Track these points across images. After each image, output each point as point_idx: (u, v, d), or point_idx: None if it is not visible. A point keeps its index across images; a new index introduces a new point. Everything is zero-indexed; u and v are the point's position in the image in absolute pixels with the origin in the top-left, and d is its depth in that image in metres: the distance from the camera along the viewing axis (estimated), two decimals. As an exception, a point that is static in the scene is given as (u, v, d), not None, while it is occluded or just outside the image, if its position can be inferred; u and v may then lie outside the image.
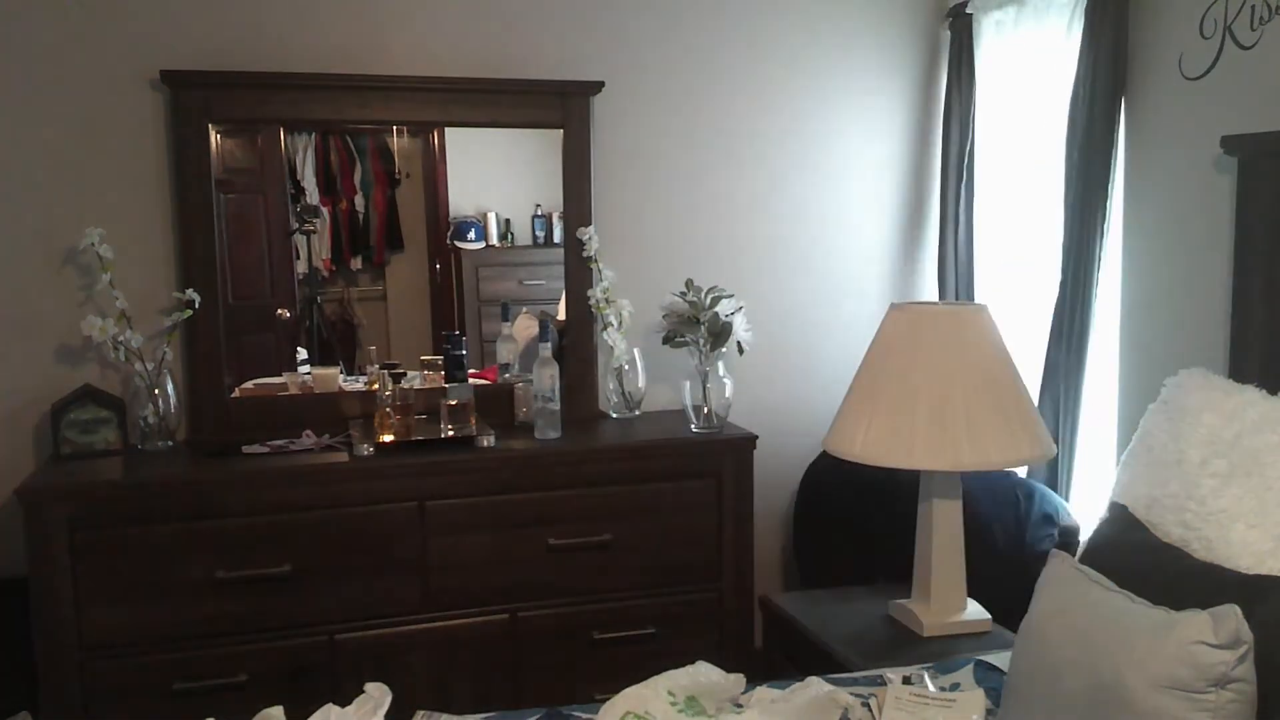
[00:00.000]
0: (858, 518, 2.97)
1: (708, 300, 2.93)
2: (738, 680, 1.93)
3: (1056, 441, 2.50)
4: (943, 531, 2.36)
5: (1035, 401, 2.47)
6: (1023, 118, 2.96)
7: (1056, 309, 2.65)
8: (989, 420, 2.22)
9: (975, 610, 2.41)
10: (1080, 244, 2.58)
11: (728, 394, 2.98)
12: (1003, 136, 3.06)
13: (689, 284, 2.96)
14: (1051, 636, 1.71)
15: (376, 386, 2.82)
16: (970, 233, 3.15)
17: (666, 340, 2.98)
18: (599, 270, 3.06)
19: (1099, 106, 2.51)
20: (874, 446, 2.29)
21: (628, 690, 1.81)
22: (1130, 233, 2.60)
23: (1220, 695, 1.46)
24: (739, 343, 2.98)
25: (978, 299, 3.13)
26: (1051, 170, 2.82)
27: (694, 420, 2.94)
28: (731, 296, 2.98)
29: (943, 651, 2.23)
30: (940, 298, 3.25)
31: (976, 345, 2.28)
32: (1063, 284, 2.64)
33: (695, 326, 2.92)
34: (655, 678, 1.85)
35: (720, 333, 2.93)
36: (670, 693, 1.81)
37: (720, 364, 2.98)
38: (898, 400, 2.28)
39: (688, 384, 2.98)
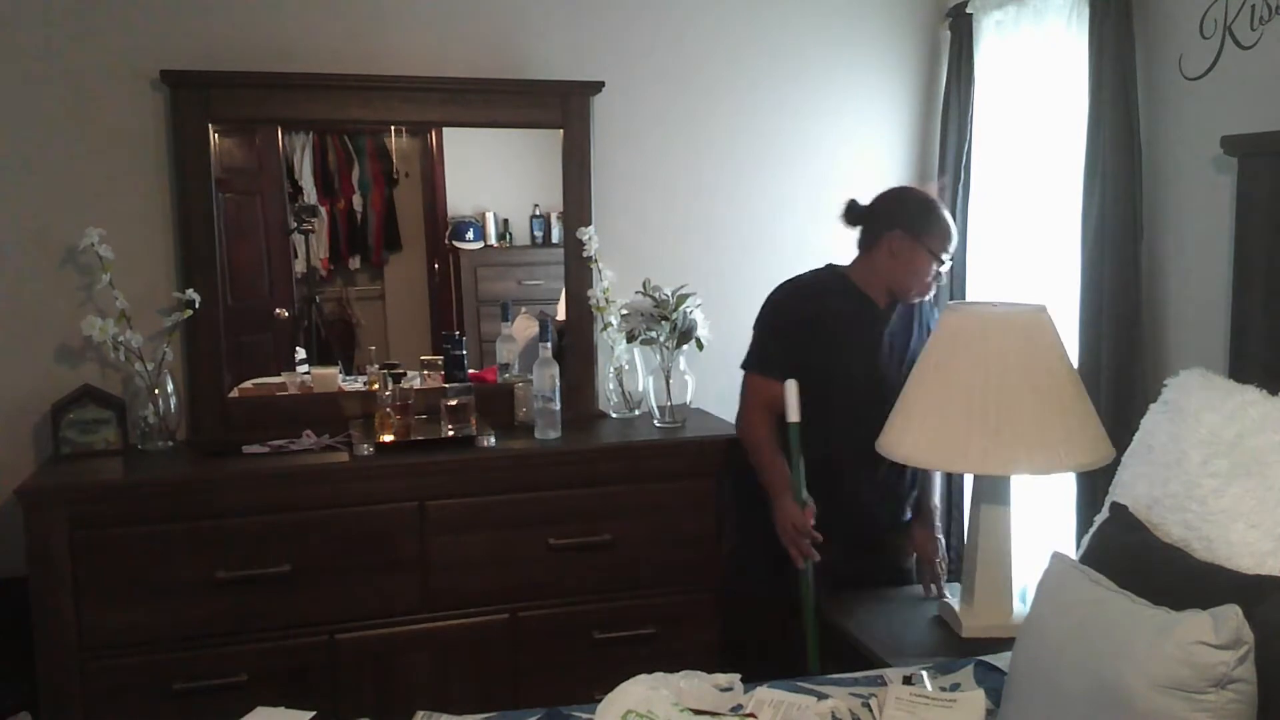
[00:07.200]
0: None
1: (674, 299, 2.94)
2: (730, 680, 1.94)
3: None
4: (989, 534, 2.35)
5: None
6: (1022, 118, 2.96)
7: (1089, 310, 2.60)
8: (1038, 425, 2.17)
9: (1022, 614, 2.38)
10: (1113, 246, 2.51)
11: (690, 391, 3.00)
12: (1001, 136, 3.06)
13: (645, 284, 2.98)
14: (1051, 636, 1.71)
15: (376, 386, 2.82)
16: (965, 232, 3.15)
17: (631, 339, 3.00)
18: (599, 270, 3.06)
19: (1115, 110, 2.48)
20: (918, 448, 2.28)
21: (625, 686, 1.81)
22: (1130, 233, 2.60)
23: (1220, 695, 1.46)
24: (699, 339, 2.99)
25: (969, 298, 3.14)
26: (1049, 171, 2.83)
27: (657, 417, 2.97)
28: (694, 294, 2.99)
29: (974, 653, 2.19)
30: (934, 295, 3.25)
31: (1031, 348, 2.23)
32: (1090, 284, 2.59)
33: (659, 324, 2.94)
34: (648, 678, 1.85)
35: (687, 330, 2.94)
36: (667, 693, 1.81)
37: (682, 360, 2.99)
38: (945, 402, 2.25)
39: (650, 380, 3.03)
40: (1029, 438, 2.17)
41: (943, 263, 2.58)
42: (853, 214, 2.64)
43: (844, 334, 2.61)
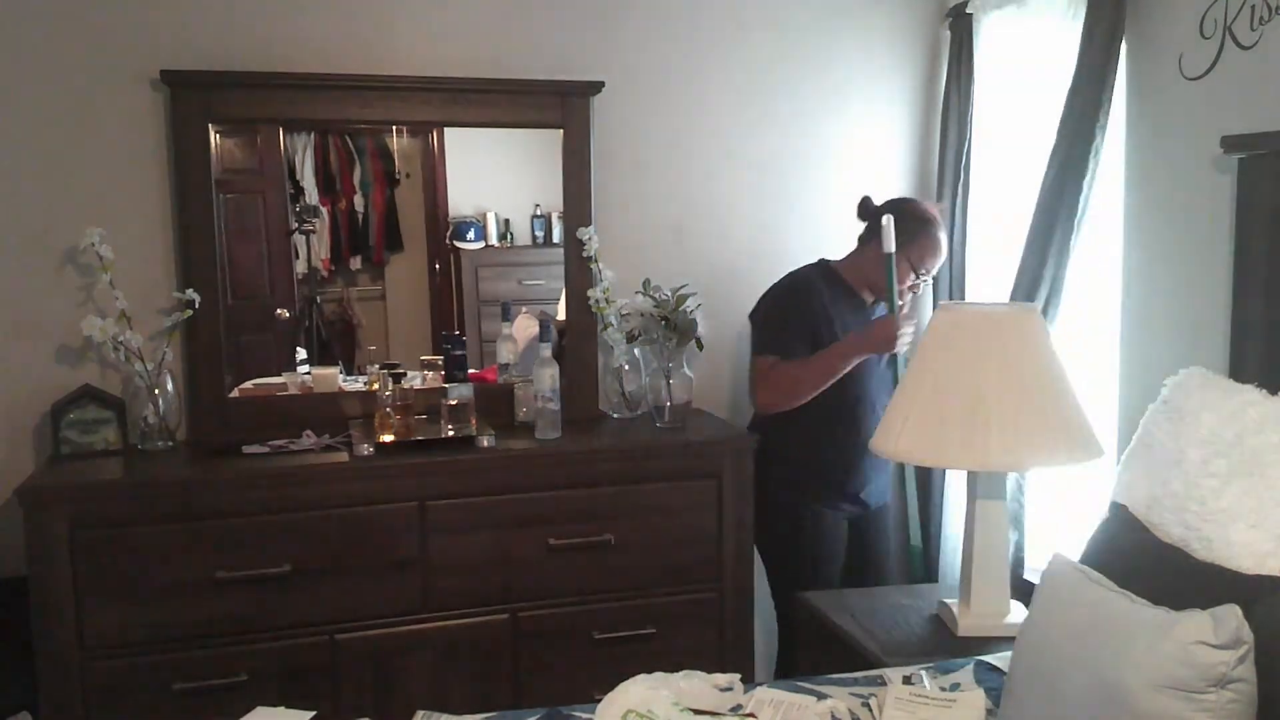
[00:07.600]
0: None
1: (674, 299, 2.95)
2: (730, 680, 1.94)
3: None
4: (985, 531, 2.35)
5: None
6: (1021, 117, 2.96)
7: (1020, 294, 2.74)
8: (1026, 421, 2.19)
9: (1019, 613, 2.38)
10: (1054, 236, 2.66)
11: (690, 391, 3.00)
12: (1001, 136, 3.06)
13: (646, 284, 3.00)
14: (1051, 636, 1.72)
15: (376, 386, 2.82)
16: (964, 232, 3.16)
17: (631, 339, 3.01)
18: (599, 270, 3.06)
19: (1082, 98, 2.56)
20: (909, 444, 2.30)
21: (625, 686, 1.81)
22: (1130, 232, 2.60)
23: (1220, 695, 1.47)
24: (699, 339, 3.00)
25: (969, 298, 3.14)
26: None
27: (656, 419, 2.98)
28: (694, 294, 2.99)
29: (970, 652, 2.20)
30: (933, 296, 3.26)
31: (1021, 346, 2.25)
32: (1025, 270, 2.74)
33: (659, 324, 2.95)
34: (648, 678, 1.85)
35: (686, 329, 2.95)
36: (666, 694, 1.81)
37: (683, 360, 3.00)
38: (936, 399, 2.27)
39: (648, 381, 3.03)
40: (1021, 434, 2.19)
41: (919, 276, 2.84)
42: (863, 210, 2.86)
43: (841, 326, 2.81)
